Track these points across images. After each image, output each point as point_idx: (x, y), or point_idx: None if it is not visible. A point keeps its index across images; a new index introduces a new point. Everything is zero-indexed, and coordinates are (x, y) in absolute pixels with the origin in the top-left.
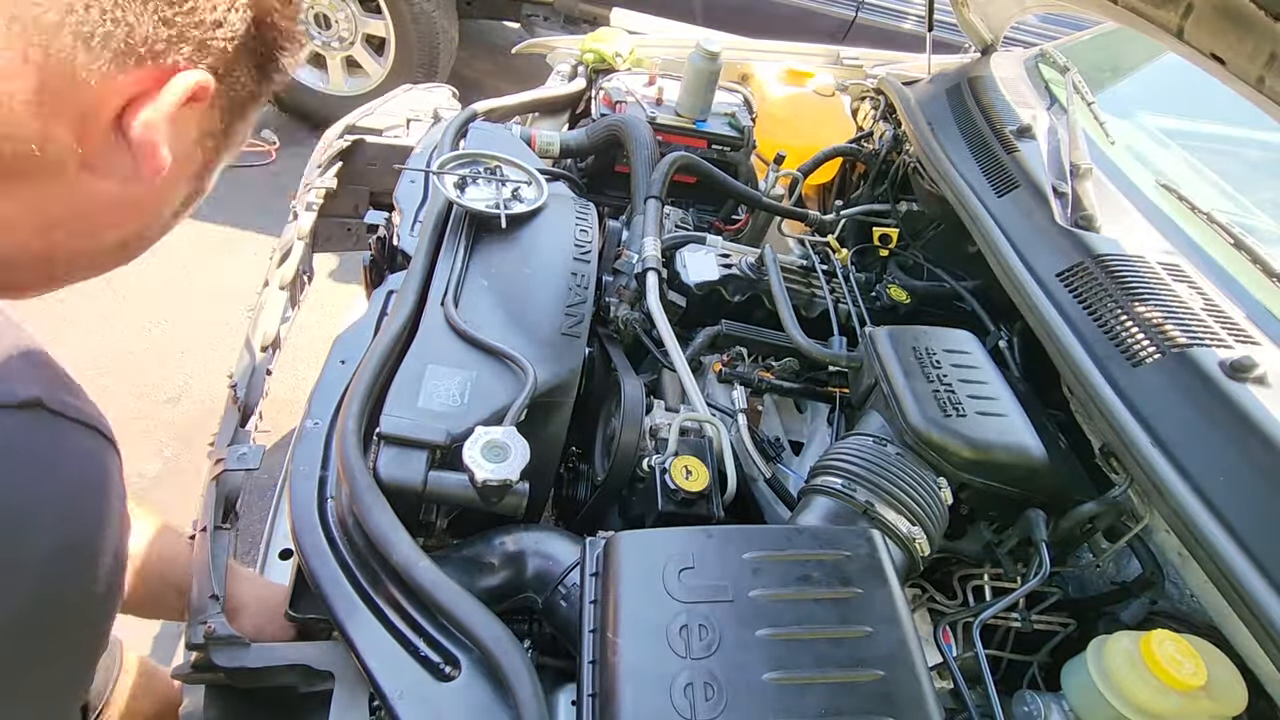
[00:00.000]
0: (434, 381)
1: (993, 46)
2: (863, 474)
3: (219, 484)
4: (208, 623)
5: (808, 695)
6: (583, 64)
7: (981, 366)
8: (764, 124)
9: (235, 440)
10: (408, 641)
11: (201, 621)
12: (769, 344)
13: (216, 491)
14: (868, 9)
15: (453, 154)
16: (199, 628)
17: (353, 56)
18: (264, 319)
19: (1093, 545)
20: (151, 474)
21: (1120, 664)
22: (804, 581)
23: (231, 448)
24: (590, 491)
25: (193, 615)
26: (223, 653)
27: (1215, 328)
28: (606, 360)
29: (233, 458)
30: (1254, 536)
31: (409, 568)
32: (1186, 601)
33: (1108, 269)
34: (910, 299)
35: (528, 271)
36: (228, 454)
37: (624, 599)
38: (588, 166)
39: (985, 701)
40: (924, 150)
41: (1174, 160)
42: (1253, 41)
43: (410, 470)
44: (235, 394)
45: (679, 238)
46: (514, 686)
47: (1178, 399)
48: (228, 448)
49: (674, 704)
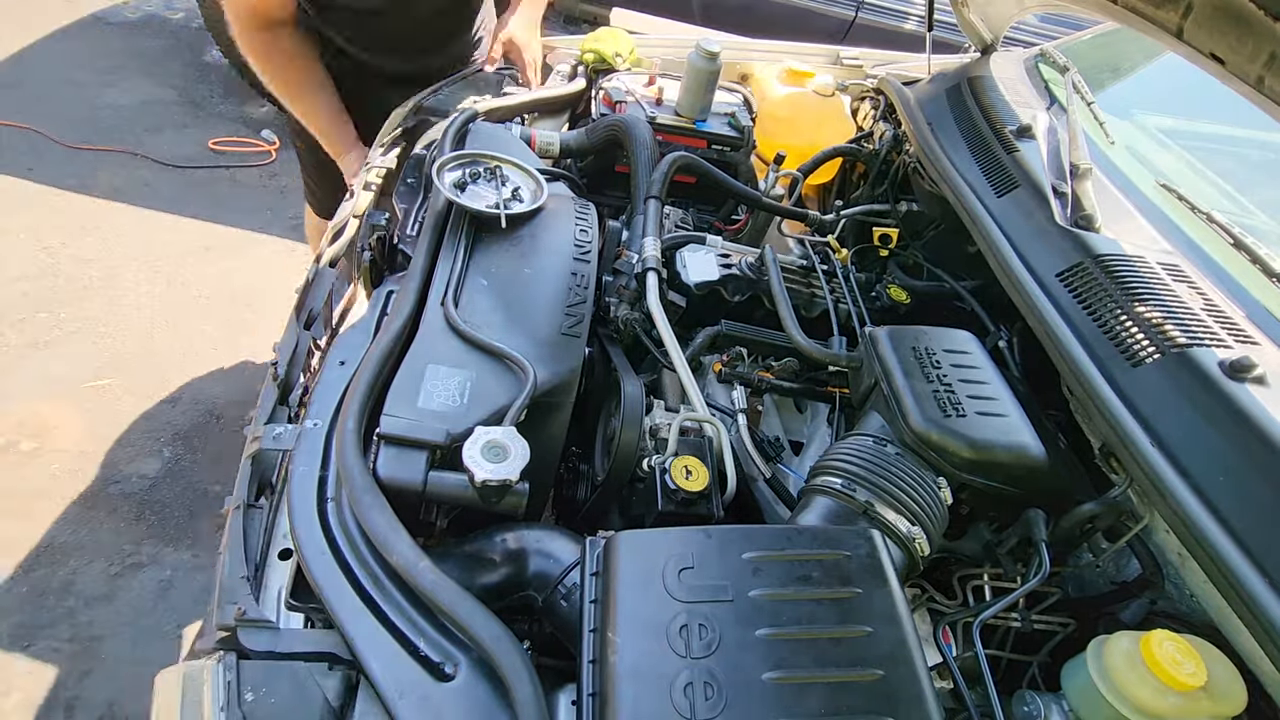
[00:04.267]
0: (434, 381)
1: (992, 46)
2: (863, 474)
3: (254, 462)
4: (238, 604)
5: (808, 695)
6: (583, 64)
7: (981, 366)
8: (764, 124)
9: (273, 418)
10: (408, 641)
11: (232, 602)
12: (769, 344)
13: (251, 470)
14: (868, 9)
15: (453, 154)
16: (229, 608)
17: None
18: (312, 295)
19: (1092, 545)
20: (152, 474)
21: (1120, 664)
22: (804, 581)
23: (268, 426)
24: (590, 491)
25: (223, 595)
26: (252, 635)
27: (1215, 328)
28: (606, 360)
29: (268, 437)
30: (1254, 536)
31: (408, 568)
32: (1186, 601)
33: (1107, 269)
34: (910, 299)
35: (528, 272)
36: (264, 433)
37: (624, 598)
38: (588, 166)
39: (985, 701)
40: (924, 150)
41: (1174, 160)
42: (1252, 41)
43: (410, 470)
44: (275, 370)
45: (679, 238)
46: (513, 686)
47: (1177, 399)
48: (264, 426)
49: (674, 704)
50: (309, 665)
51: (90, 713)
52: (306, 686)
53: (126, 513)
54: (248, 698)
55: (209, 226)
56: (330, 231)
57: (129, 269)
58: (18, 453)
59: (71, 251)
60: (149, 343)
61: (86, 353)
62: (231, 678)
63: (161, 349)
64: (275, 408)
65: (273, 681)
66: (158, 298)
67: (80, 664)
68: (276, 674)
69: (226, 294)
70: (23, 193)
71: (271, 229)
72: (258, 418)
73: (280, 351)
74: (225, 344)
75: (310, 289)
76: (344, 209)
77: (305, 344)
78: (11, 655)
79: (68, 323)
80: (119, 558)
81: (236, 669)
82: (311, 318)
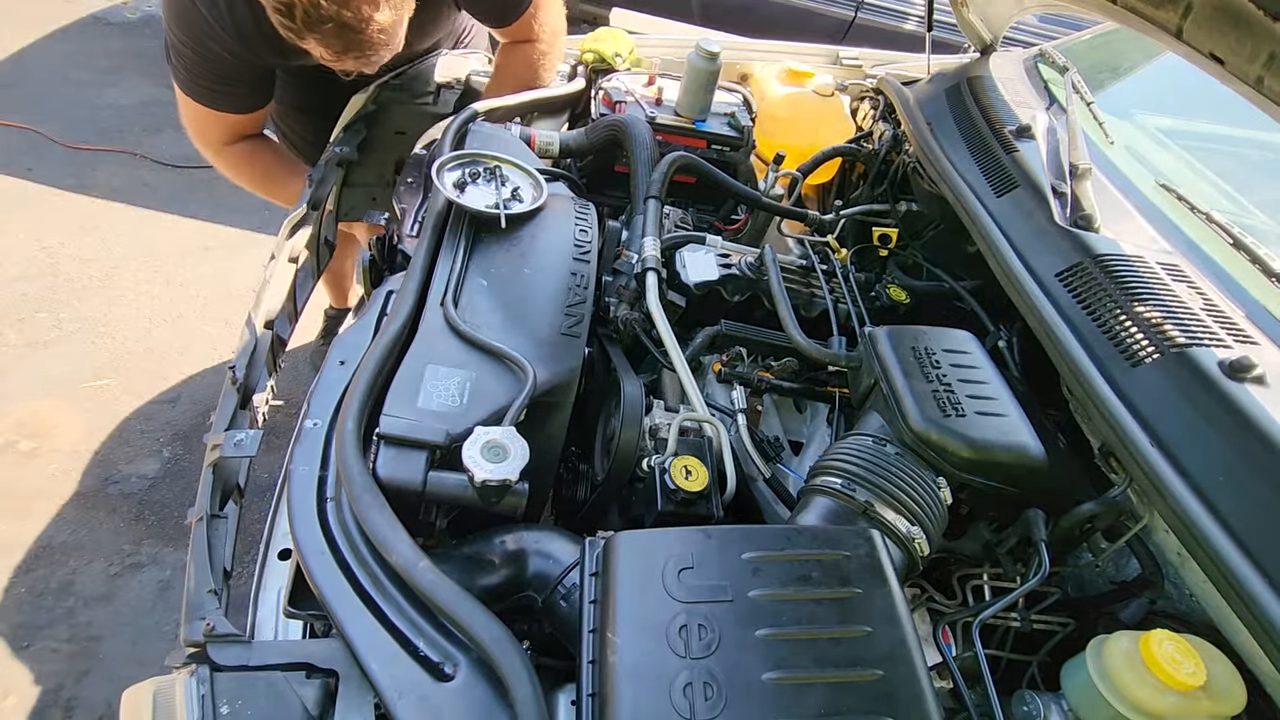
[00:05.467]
0: (433, 382)
1: (992, 46)
2: (862, 474)
3: (215, 471)
4: (206, 619)
5: (807, 695)
6: (583, 64)
7: (981, 366)
8: (763, 124)
9: (234, 424)
10: (407, 641)
11: (200, 618)
12: (769, 344)
13: (213, 479)
14: (867, 9)
15: (452, 154)
16: (197, 624)
17: None
18: (268, 295)
19: (1092, 545)
20: (151, 474)
21: (1119, 664)
22: (803, 581)
23: (229, 433)
24: (590, 491)
25: (190, 611)
26: (222, 650)
27: (1214, 327)
28: (606, 360)
29: (229, 444)
30: (1253, 536)
31: (408, 568)
32: (1186, 601)
33: (1107, 269)
34: (910, 299)
35: (527, 272)
36: (224, 440)
37: (623, 599)
38: (587, 166)
39: (985, 701)
40: (923, 150)
41: (1173, 160)
42: (1252, 41)
43: (410, 470)
44: (234, 375)
45: (679, 238)
46: (513, 686)
47: (1177, 399)
48: (224, 433)
49: (673, 704)
50: (286, 674)
51: (89, 713)
52: (284, 696)
53: (126, 513)
54: (223, 711)
55: (208, 226)
56: (288, 225)
57: (128, 269)
58: (17, 453)
59: (71, 251)
60: (148, 342)
61: (85, 352)
62: (206, 691)
63: (160, 349)
64: (236, 412)
65: (248, 693)
66: (157, 297)
67: (79, 664)
68: (252, 685)
69: (225, 294)
70: (22, 193)
71: (270, 229)
72: (217, 424)
73: (239, 355)
74: (224, 344)
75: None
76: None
77: (265, 345)
78: (10, 655)
79: (67, 323)
80: (118, 558)
81: (210, 682)
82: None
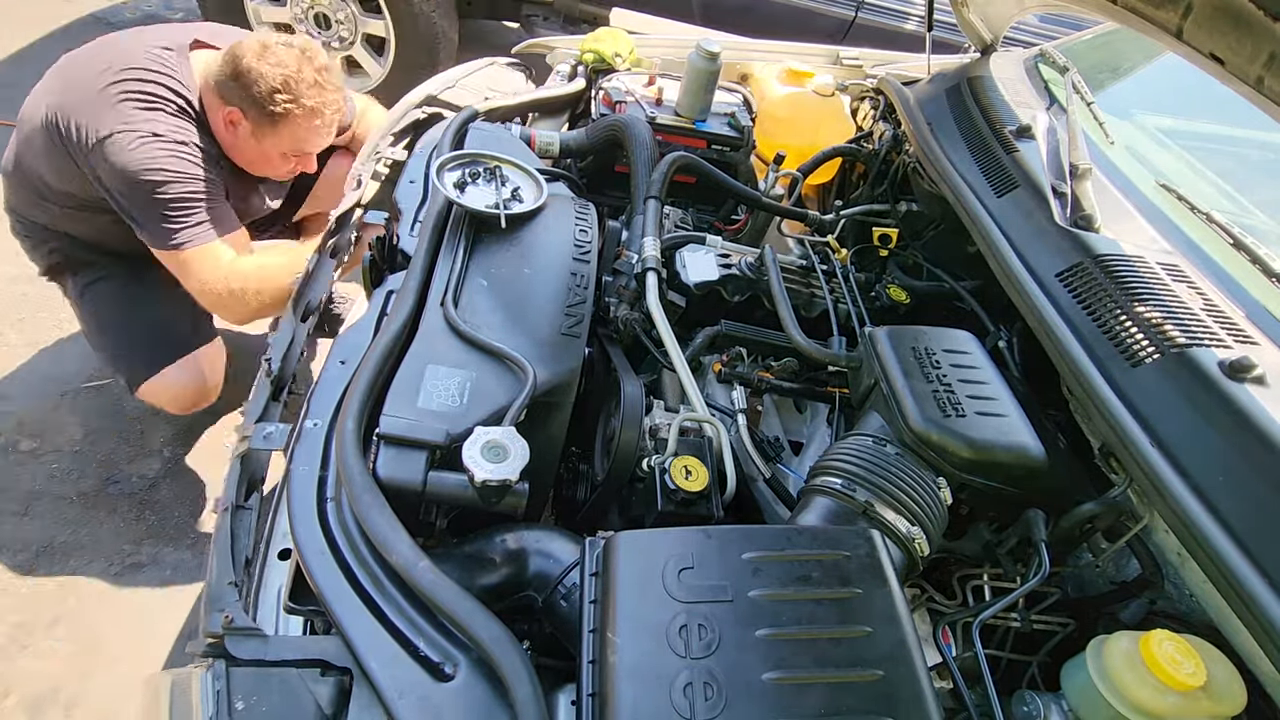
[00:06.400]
0: (433, 382)
1: (992, 46)
2: (862, 474)
3: (243, 463)
4: (226, 611)
5: (807, 695)
6: (582, 64)
7: (981, 366)
8: (764, 124)
9: (265, 416)
10: (407, 641)
11: (220, 609)
12: (769, 344)
13: (240, 470)
14: (868, 9)
15: (453, 154)
16: (217, 615)
17: (353, 56)
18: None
19: (1092, 545)
20: (152, 474)
21: (1119, 664)
22: (803, 581)
23: (259, 425)
24: (590, 491)
25: (211, 602)
26: (239, 643)
27: (1214, 328)
28: (606, 360)
29: (258, 437)
30: (1253, 536)
31: (408, 568)
32: (1186, 601)
33: (1107, 269)
34: (910, 299)
35: (527, 272)
36: (254, 431)
37: (623, 599)
38: (587, 166)
39: (985, 701)
40: (923, 150)
41: (1173, 160)
42: (1252, 42)
43: (410, 470)
44: (269, 367)
45: (679, 238)
46: (513, 686)
47: (1177, 399)
48: (255, 424)
49: (673, 704)
50: (300, 672)
51: (89, 713)
52: (298, 693)
53: (126, 512)
54: (238, 706)
55: None
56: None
57: None
58: (17, 452)
59: None
60: None
61: (86, 352)
62: (221, 686)
63: None
64: (268, 404)
65: (263, 689)
66: None
67: (79, 664)
68: (267, 681)
69: None
70: None
71: None
72: (249, 415)
73: (274, 345)
74: (226, 343)
75: (310, 280)
76: (349, 197)
77: (301, 337)
78: (11, 655)
79: (67, 323)
80: (119, 557)
81: (226, 677)
82: (309, 310)
